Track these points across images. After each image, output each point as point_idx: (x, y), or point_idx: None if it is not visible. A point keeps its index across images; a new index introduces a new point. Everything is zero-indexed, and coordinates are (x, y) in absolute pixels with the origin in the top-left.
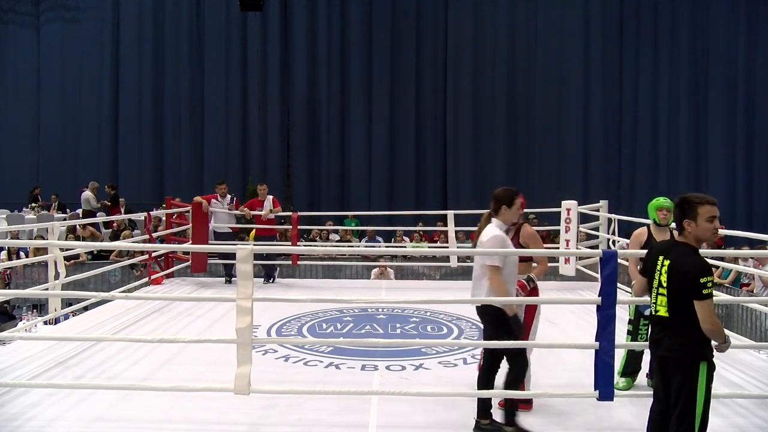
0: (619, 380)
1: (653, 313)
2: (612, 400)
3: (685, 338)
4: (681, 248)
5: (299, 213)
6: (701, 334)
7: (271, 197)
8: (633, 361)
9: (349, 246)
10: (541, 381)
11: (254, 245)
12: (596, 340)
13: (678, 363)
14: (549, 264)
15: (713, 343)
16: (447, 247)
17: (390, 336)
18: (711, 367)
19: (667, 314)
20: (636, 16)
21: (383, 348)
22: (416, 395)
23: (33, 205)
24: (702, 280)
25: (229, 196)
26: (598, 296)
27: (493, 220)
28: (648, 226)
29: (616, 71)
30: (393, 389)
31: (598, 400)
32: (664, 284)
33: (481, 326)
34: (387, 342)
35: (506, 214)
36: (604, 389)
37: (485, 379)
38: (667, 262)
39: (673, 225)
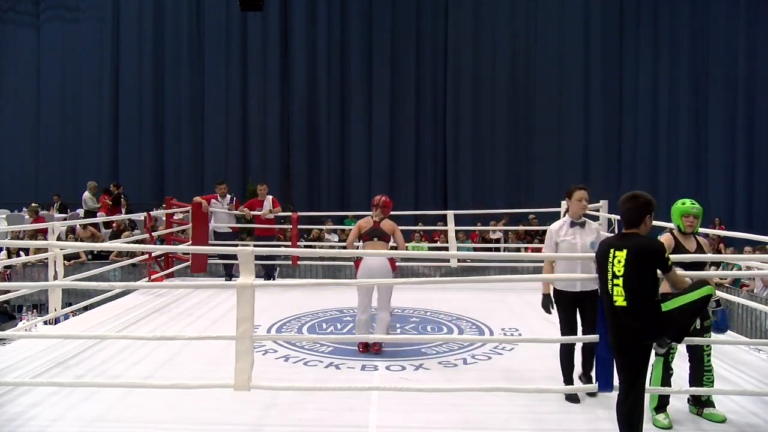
0: (658, 416)
1: (611, 304)
2: (611, 391)
3: (642, 323)
4: (635, 237)
5: (299, 213)
6: (655, 316)
7: (270, 197)
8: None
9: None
10: (539, 376)
11: (255, 246)
12: (596, 333)
13: (635, 347)
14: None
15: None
16: (447, 248)
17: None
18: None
19: (625, 303)
20: (636, 16)
21: (383, 348)
22: (417, 391)
23: (33, 204)
24: (666, 255)
25: (229, 196)
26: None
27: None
28: (672, 231)
29: (616, 71)
30: (393, 387)
31: (597, 391)
32: (619, 274)
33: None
34: (387, 339)
35: (570, 206)
36: (603, 381)
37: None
38: (621, 253)
39: (700, 230)
